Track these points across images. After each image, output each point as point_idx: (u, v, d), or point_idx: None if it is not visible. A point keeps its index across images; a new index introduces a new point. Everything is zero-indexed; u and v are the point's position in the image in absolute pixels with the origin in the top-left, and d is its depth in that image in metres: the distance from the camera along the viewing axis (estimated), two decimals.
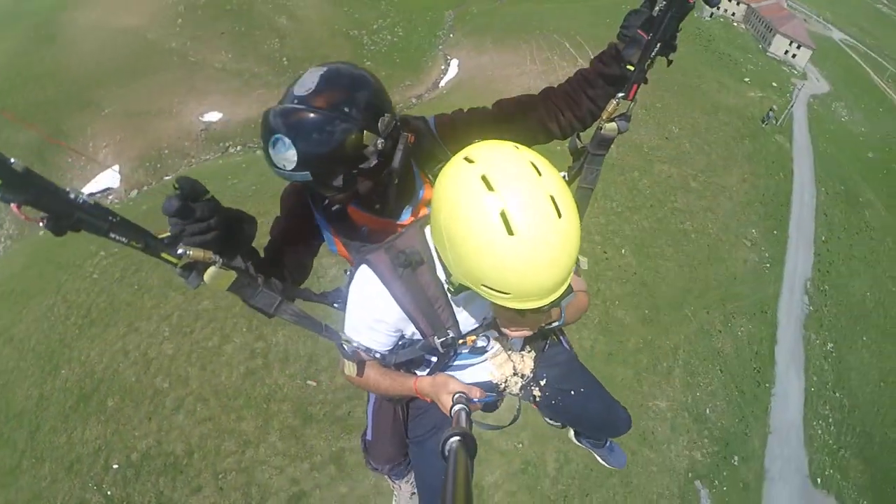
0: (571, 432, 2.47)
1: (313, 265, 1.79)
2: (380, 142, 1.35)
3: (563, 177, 1.65)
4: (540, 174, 1.02)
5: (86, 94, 28.99)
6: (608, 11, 35.00)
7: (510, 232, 0.97)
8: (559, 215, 0.99)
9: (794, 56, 44.10)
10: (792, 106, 29.99)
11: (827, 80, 41.69)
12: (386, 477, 2.39)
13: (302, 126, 1.25)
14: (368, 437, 2.11)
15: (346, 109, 1.29)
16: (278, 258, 1.63)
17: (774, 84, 34.80)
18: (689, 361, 17.76)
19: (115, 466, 13.14)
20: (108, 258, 18.57)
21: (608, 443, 2.53)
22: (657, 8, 1.41)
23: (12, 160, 0.72)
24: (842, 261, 25.00)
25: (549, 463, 14.21)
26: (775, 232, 23.08)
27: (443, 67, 32.47)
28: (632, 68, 1.49)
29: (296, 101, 1.28)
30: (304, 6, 32.59)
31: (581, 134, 1.71)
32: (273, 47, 30.29)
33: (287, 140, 1.24)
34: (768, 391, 19.64)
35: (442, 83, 30.55)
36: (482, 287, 1.08)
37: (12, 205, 0.75)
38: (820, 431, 19.39)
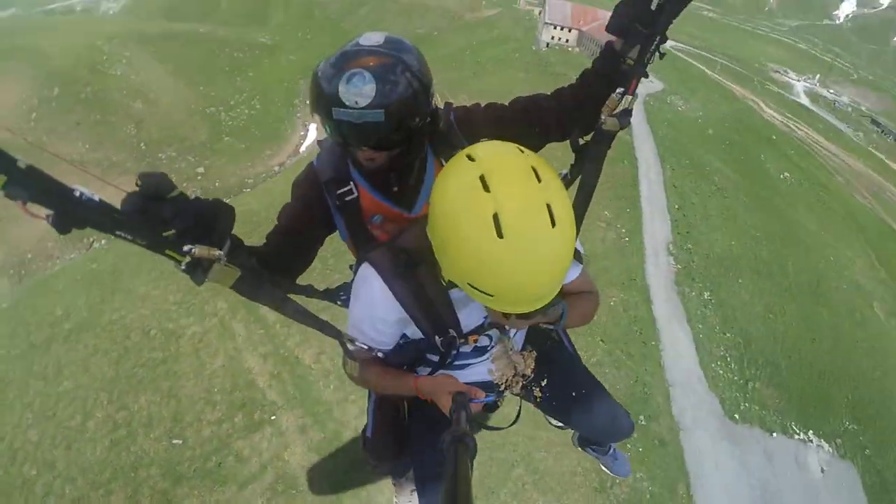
0: (576, 438, 2.47)
1: (317, 258, 1.76)
2: (436, 100, 1.42)
3: (566, 175, 1.74)
4: (540, 180, 1.02)
5: None
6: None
7: (500, 235, 0.98)
8: (553, 224, 1.00)
9: None
10: None
11: (661, 80, 47.95)
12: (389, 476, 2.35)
13: (384, 65, 1.28)
14: (368, 434, 2.07)
15: (415, 63, 1.34)
16: (281, 245, 1.59)
17: None
18: None
19: None
20: None
21: (612, 450, 2.54)
22: (656, 2, 1.38)
23: (17, 158, 0.72)
24: (700, 221, 27.73)
25: None
26: (628, 210, 25.43)
27: (302, 133, 33.47)
28: (632, 63, 1.51)
29: (367, 47, 1.30)
30: (158, 89, 33.20)
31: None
32: (129, 133, 30.15)
33: (367, 75, 1.25)
34: (657, 348, 20.57)
35: (302, 148, 31.47)
36: (467, 285, 1.09)
37: (18, 202, 0.74)
38: (721, 372, 20.35)
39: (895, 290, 26.85)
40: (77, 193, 0.82)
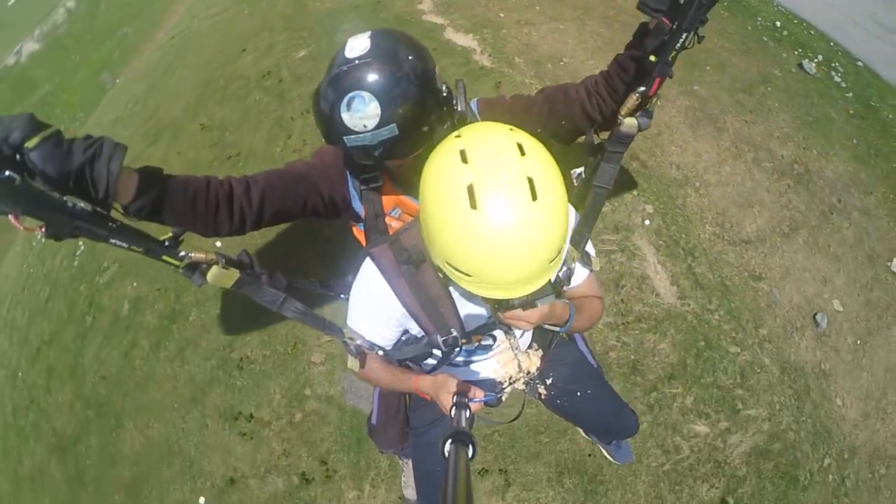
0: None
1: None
2: (444, 86, 1.32)
3: (580, 175, 1.64)
4: (524, 154, 0.94)
5: None
6: None
7: (473, 206, 0.90)
8: (534, 198, 0.90)
9: None
10: None
11: None
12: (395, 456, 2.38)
13: (378, 77, 1.16)
14: (374, 421, 2.06)
15: (410, 57, 1.23)
16: (273, 182, 1.46)
17: None
18: None
19: None
20: None
21: (615, 440, 2.52)
22: None
23: (6, 172, 0.69)
24: None
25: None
26: None
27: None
28: (654, 59, 1.33)
29: (356, 62, 1.18)
30: None
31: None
32: None
33: (366, 95, 1.15)
34: None
35: None
36: (446, 265, 1.02)
37: (10, 216, 0.71)
38: None
39: None
40: (70, 205, 0.78)
